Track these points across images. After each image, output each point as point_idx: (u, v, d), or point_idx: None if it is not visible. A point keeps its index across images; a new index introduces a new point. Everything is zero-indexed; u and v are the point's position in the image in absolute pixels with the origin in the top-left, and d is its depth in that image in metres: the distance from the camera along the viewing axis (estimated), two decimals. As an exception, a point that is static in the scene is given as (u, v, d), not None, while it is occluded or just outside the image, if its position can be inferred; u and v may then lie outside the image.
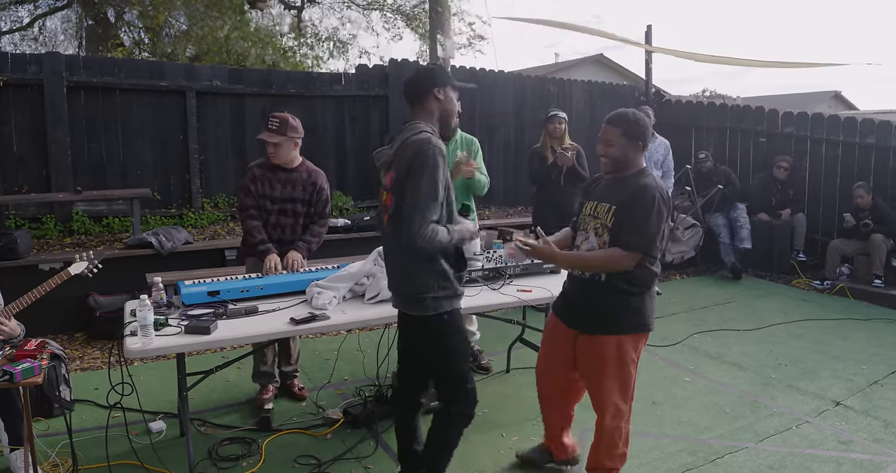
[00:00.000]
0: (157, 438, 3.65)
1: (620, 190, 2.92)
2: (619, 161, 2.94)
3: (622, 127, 2.91)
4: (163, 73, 6.86)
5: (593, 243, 2.95)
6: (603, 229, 2.93)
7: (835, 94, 29.14)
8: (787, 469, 3.41)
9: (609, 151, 2.94)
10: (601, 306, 2.94)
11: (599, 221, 2.95)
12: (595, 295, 2.96)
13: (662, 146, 6.85)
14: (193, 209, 7.00)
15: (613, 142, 2.92)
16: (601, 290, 2.94)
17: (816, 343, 5.40)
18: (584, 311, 3.02)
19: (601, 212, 2.96)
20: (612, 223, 2.89)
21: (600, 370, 2.98)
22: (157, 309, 3.16)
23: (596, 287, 2.96)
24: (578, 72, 16.89)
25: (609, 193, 2.98)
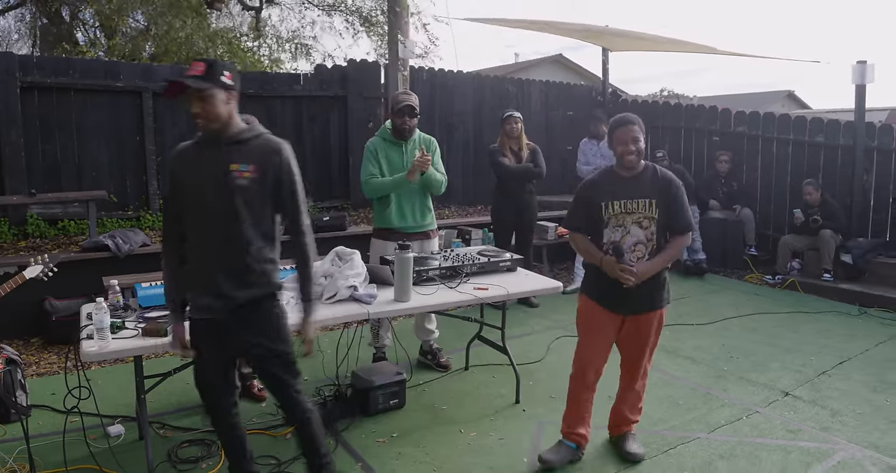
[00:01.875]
0: (116, 442, 3.62)
1: (649, 183, 3.27)
2: (641, 154, 3.24)
3: (639, 124, 3.25)
4: (119, 74, 6.79)
5: (639, 235, 3.24)
6: (649, 221, 3.24)
7: (788, 94, 29.86)
8: (737, 457, 3.53)
9: (639, 147, 3.22)
10: (652, 287, 3.29)
11: (641, 214, 3.23)
12: (648, 280, 3.24)
13: None
14: (151, 211, 6.94)
15: (640, 139, 3.22)
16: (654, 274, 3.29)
17: (768, 336, 5.56)
18: (639, 294, 3.27)
19: (640, 207, 3.23)
20: (659, 213, 3.24)
21: (646, 341, 3.46)
22: (113, 312, 3.17)
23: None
24: (538, 72, 17.06)
25: (637, 189, 3.26)
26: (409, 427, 3.83)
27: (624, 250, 3.23)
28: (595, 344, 3.49)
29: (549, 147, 7.22)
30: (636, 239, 3.26)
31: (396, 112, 4.39)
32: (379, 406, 3.95)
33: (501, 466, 3.42)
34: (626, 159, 3.22)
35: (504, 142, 6.18)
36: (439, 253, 4.28)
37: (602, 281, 3.32)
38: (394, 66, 7.55)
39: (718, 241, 7.96)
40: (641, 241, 3.26)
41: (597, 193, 3.30)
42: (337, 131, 7.94)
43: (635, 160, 3.23)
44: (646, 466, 3.43)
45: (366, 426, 3.83)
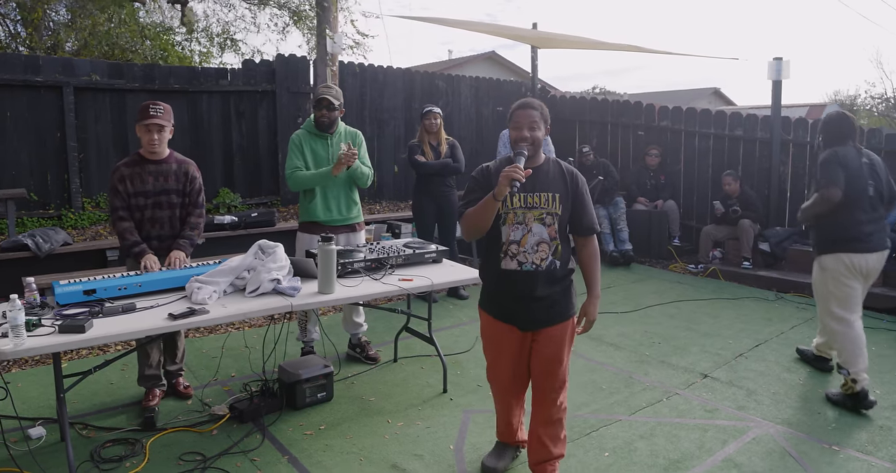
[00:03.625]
0: (37, 444, 3.53)
1: (550, 177, 2.97)
2: (539, 144, 2.93)
3: (540, 110, 2.95)
4: (38, 68, 6.58)
5: (542, 234, 2.92)
6: (552, 218, 2.93)
7: (714, 91, 30.78)
8: (656, 437, 3.67)
9: (536, 136, 2.91)
10: (554, 296, 2.98)
11: (543, 210, 2.92)
12: (554, 284, 2.97)
13: None
14: (73, 209, 6.76)
15: (538, 125, 2.91)
16: (560, 277, 2.99)
17: (688, 321, 5.77)
18: (543, 305, 2.97)
19: (542, 201, 2.93)
20: (563, 210, 2.94)
21: (554, 360, 3.04)
22: (29, 310, 3.10)
23: (555, 276, 2.97)
24: (471, 68, 17.20)
25: (539, 181, 2.94)
26: (337, 420, 3.85)
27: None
28: (499, 362, 3.18)
29: (478, 141, 7.31)
30: (538, 239, 2.92)
31: (315, 105, 4.43)
32: (306, 400, 3.96)
33: (428, 454, 3.48)
34: (519, 147, 2.88)
35: (423, 137, 6.25)
36: (364, 246, 4.31)
37: (497, 294, 3.07)
38: (322, 61, 7.53)
39: (644, 232, 8.21)
40: (545, 240, 2.93)
41: (495, 184, 2.83)
42: (266, 127, 7.88)
43: (530, 149, 2.89)
44: (569, 448, 3.49)
45: (293, 419, 3.83)
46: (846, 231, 4.12)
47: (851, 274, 4.13)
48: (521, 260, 2.93)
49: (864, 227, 4.12)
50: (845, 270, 4.12)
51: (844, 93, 34.24)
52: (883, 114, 26.88)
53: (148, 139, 3.76)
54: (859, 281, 4.16)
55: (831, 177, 4.06)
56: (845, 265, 4.12)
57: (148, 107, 3.75)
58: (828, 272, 4.20)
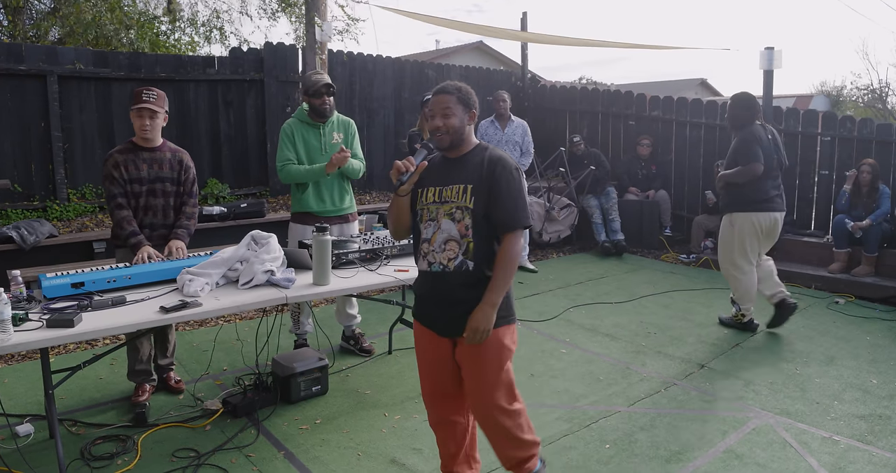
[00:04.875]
0: (25, 442, 3.45)
1: (469, 167, 2.64)
2: (457, 133, 2.63)
3: (456, 94, 2.62)
4: (21, 56, 6.42)
5: (450, 230, 2.60)
6: (462, 212, 2.59)
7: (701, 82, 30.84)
8: (657, 428, 3.63)
9: (449, 122, 2.60)
10: (477, 299, 2.57)
11: (453, 205, 2.60)
12: (470, 288, 2.61)
13: (521, 127, 7.04)
14: (58, 200, 6.63)
15: (452, 111, 2.61)
16: (475, 280, 2.61)
17: (683, 311, 5.75)
18: (458, 312, 2.61)
19: (452, 194, 2.62)
20: (476, 203, 2.58)
21: (481, 373, 2.65)
22: (16, 304, 3.00)
23: (468, 278, 2.61)
24: (459, 58, 17.11)
25: (454, 174, 2.66)
26: (333, 413, 3.79)
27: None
28: (424, 371, 2.84)
29: (470, 131, 7.22)
30: (447, 236, 2.61)
31: (314, 93, 4.30)
32: (301, 394, 3.89)
33: (427, 448, 3.42)
34: (435, 137, 2.64)
35: (424, 125, 6.14)
36: (359, 237, 4.23)
37: (417, 297, 2.80)
38: (311, 49, 7.42)
39: (635, 222, 8.18)
40: (454, 238, 2.60)
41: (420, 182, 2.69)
42: (254, 116, 7.76)
43: (444, 139, 2.62)
44: (568, 440, 3.48)
45: (288, 413, 3.76)
46: (756, 194, 5.00)
47: (757, 230, 5.02)
48: (430, 260, 2.65)
49: (770, 192, 5.02)
50: (752, 227, 5.02)
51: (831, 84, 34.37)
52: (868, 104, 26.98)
53: (140, 124, 3.67)
54: (761, 237, 5.07)
55: (753, 154, 4.92)
56: (752, 223, 5.01)
57: (141, 92, 3.67)
58: (737, 227, 5.07)
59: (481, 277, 2.60)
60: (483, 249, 2.60)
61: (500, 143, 6.84)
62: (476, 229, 2.59)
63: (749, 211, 5.01)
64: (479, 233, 2.59)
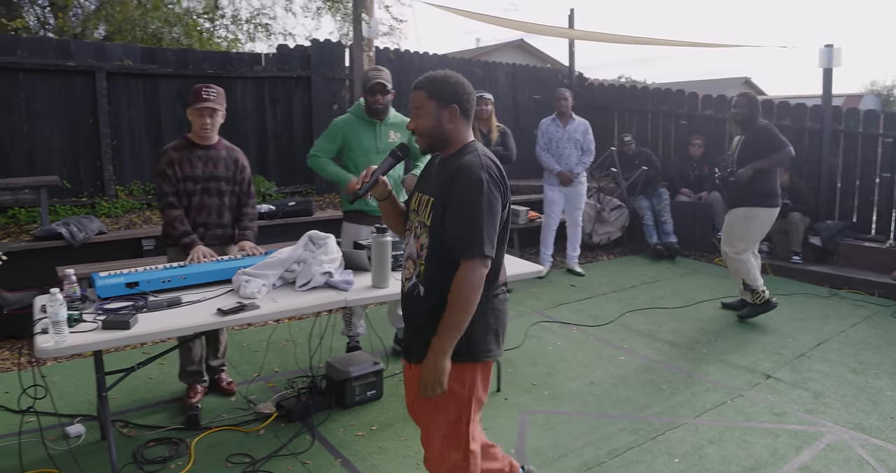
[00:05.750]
0: (76, 443, 3.38)
1: (441, 174, 2.25)
2: (434, 134, 2.24)
3: (427, 88, 2.22)
4: (70, 53, 6.43)
5: (411, 248, 2.30)
6: (421, 228, 2.25)
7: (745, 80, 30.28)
8: (726, 442, 3.45)
9: (420, 123, 2.24)
10: (427, 328, 2.22)
11: (418, 219, 2.27)
12: (419, 315, 2.30)
13: (582, 125, 6.88)
14: (106, 197, 6.62)
15: (423, 110, 2.22)
16: (423, 308, 2.26)
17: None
18: (412, 337, 2.34)
19: (421, 205, 2.28)
20: (431, 219, 2.20)
21: (429, 409, 2.32)
22: (70, 304, 2.92)
23: (416, 303, 2.29)
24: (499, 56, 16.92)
25: (433, 181, 2.29)
26: (389, 420, 3.67)
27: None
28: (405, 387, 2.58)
29: (516, 130, 7.09)
30: (408, 252, 2.33)
31: (368, 89, 4.20)
32: (356, 398, 3.78)
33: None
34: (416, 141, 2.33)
35: (473, 124, 6.02)
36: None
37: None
38: (358, 46, 7.32)
39: (688, 224, 7.95)
40: (411, 256, 2.30)
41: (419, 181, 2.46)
42: (300, 113, 7.69)
43: (421, 142, 2.28)
44: (635, 453, 3.33)
45: (343, 419, 3.65)
46: (773, 188, 5.24)
47: (769, 224, 5.31)
48: (401, 275, 2.42)
49: (778, 187, 5.30)
50: (768, 221, 5.28)
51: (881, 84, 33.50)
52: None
53: (200, 123, 3.60)
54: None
55: (782, 141, 5.15)
56: (769, 217, 5.26)
57: (200, 90, 3.58)
58: (755, 221, 5.24)
59: (432, 306, 2.20)
60: (434, 275, 2.21)
61: (561, 141, 6.69)
62: (431, 250, 2.21)
63: (768, 206, 5.22)
64: (433, 256, 2.20)
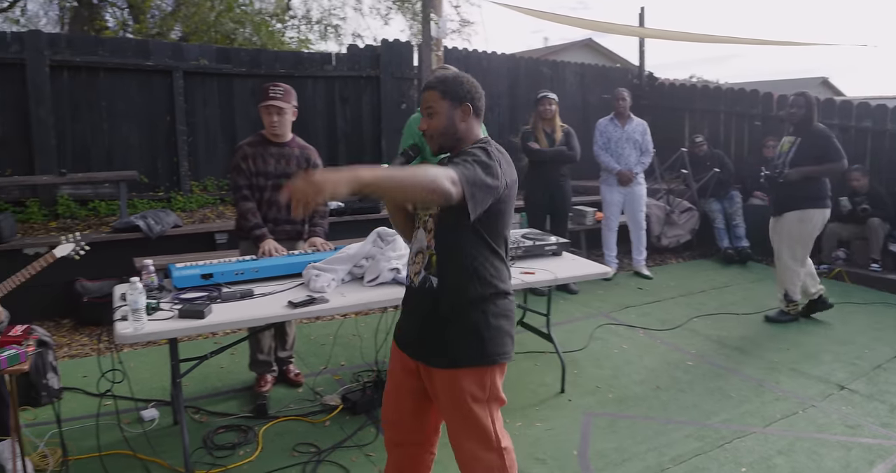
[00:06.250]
0: (150, 427, 3.53)
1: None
2: (447, 133, 2.22)
3: (439, 87, 2.21)
4: (148, 52, 6.67)
5: (422, 241, 2.26)
6: (430, 221, 2.23)
7: (822, 81, 29.19)
8: (796, 453, 3.35)
9: (432, 124, 2.22)
10: (437, 325, 2.23)
11: (428, 213, 2.24)
12: (431, 311, 2.25)
13: (641, 125, 6.75)
14: (182, 192, 6.84)
15: (435, 110, 2.20)
16: (434, 303, 2.23)
17: (817, 326, 5.35)
18: (421, 335, 2.30)
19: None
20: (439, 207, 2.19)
21: (443, 408, 2.31)
22: (148, 293, 3.03)
23: (428, 298, 2.24)
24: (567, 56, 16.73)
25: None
26: (452, 416, 3.68)
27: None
28: (389, 388, 2.52)
29: (585, 130, 7.02)
30: (418, 247, 2.29)
31: None
32: (420, 394, 3.81)
33: (550, 459, 3.27)
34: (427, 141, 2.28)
35: (537, 123, 6.00)
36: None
37: (401, 312, 2.47)
38: (427, 45, 7.37)
39: (761, 229, 7.68)
40: (422, 249, 2.26)
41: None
42: (369, 113, 7.78)
43: (432, 143, 2.26)
44: (701, 461, 3.26)
45: (407, 414, 3.69)
46: (825, 190, 5.16)
47: (822, 226, 5.21)
48: (407, 273, 2.38)
49: (829, 189, 5.21)
50: (821, 222, 5.17)
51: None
52: None
53: (269, 121, 3.69)
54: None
55: (841, 150, 5.06)
56: (822, 218, 5.16)
57: (268, 88, 3.68)
58: (809, 224, 5.11)
59: (446, 300, 2.20)
60: (449, 265, 2.19)
61: (619, 141, 6.59)
62: (439, 239, 2.20)
63: (821, 207, 5.13)
64: (444, 244, 2.19)
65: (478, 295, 2.20)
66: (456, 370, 2.21)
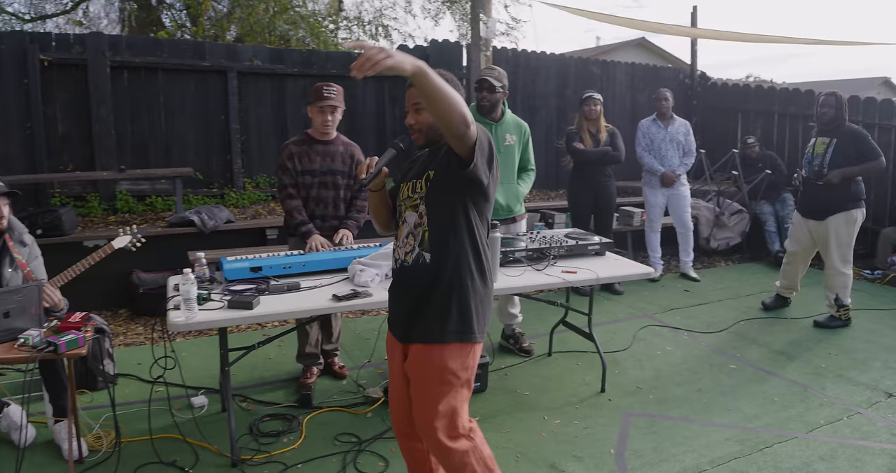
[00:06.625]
0: (199, 413, 3.67)
1: (440, 153, 2.33)
2: (433, 129, 2.30)
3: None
4: (204, 53, 6.88)
5: (411, 221, 2.34)
6: (420, 200, 2.32)
7: (884, 81, 28.36)
8: (838, 459, 3.29)
9: (421, 118, 2.30)
10: (429, 300, 2.30)
11: (417, 195, 2.33)
12: (425, 287, 2.31)
13: (683, 126, 6.67)
14: (235, 189, 7.03)
15: (423, 105, 2.27)
16: (430, 277, 2.30)
17: (867, 332, 5.22)
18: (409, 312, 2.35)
19: (420, 186, 2.34)
20: (429, 185, 2.30)
21: (419, 389, 2.36)
22: (199, 284, 3.16)
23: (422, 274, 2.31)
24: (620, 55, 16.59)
25: (426, 166, 2.38)
26: (491, 412, 3.74)
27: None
28: (390, 375, 2.57)
29: (634, 130, 6.97)
30: (408, 228, 2.35)
31: (476, 87, 4.30)
32: (460, 389, 3.87)
33: (587, 456, 3.28)
34: (411, 136, 2.37)
35: (582, 124, 6.00)
36: (526, 235, 4.15)
37: (389, 298, 2.53)
38: (476, 46, 7.42)
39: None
40: (411, 230, 2.34)
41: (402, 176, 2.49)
42: (418, 112, 7.87)
43: (419, 137, 2.35)
44: (739, 464, 3.23)
45: (447, 408, 3.75)
46: (862, 191, 5.15)
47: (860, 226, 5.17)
48: (395, 257, 2.42)
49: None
50: (861, 221, 5.14)
51: None
52: None
53: (322, 120, 3.79)
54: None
55: (878, 149, 5.05)
56: (863, 216, 5.14)
57: (322, 88, 3.77)
58: (854, 225, 5.09)
59: (439, 274, 2.27)
60: (440, 240, 2.27)
61: (662, 142, 6.52)
62: (430, 216, 2.28)
63: (861, 207, 5.12)
64: (435, 220, 2.28)
65: (467, 268, 2.29)
66: (442, 345, 2.28)
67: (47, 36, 6.49)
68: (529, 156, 4.46)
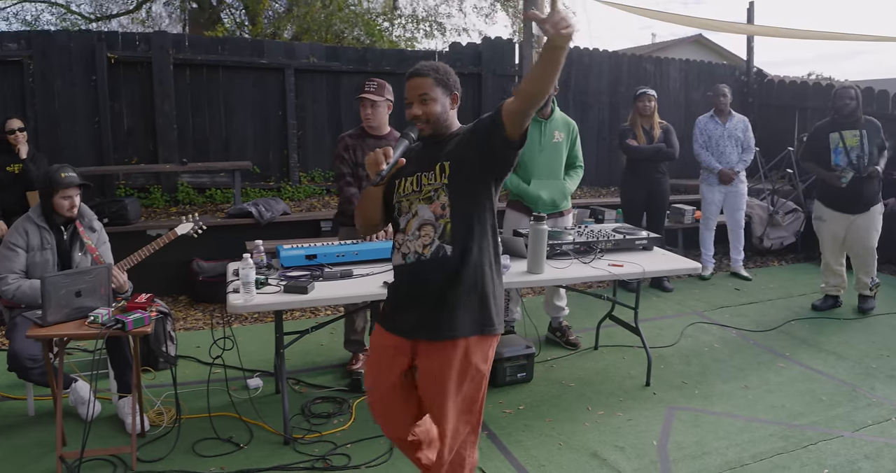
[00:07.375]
0: (255, 394, 3.84)
1: (450, 144, 2.31)
2: (440, 121, 2.29)
3: (433, 75, 2.27)
4: (263, 51, 7.08)
5: (426, 214, 2.26)
6: (438, 192, 2.25)
7: (956, 79, 27.28)
8: (883, 459, 3.27)
9: (428, 109, 2.26)
10: (454, 294, 2.25)
11: (431, 187, 2.27)
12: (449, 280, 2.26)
13: (742, 122, 6.57)
14: (291, 182, 7.23)
15: (431, 96, 2.26)
16: (454, 269, 2.25)
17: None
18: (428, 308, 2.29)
19: (429, 179, 2.28)
20: (451, 176, 2.24)
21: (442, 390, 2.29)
22: (257, 270, 3.30)
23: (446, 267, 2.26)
24: (676, 52, 16.36)
25: (434, 157, 2.30)
26: (536, 401, 3.81)
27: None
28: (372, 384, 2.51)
29: (688, 127, 6.93)
30: (421, 221, 2.27)
31: None
32: (507, 378, 3.95)
33: (629, 446, 3.33)
34: (417, 127, 2.29)
35: (636, 120, 5.98)
36: (573, 228, 4.20)
37: (389, 296, 2.48)
38: (528, 43, 7.45)
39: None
40: (428, 221, 2.26)
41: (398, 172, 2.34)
42: (470, 109, 7.93)
43: (426, 128, 2.29)
44: (782, 459, 3.23)
45: (492, 396, 3.80)
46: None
47: None
48: (405, 251, 2.31)
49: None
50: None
51: None
52: None
53: (363, 113, 3.92)
54: None
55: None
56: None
57: (364, 83, 3.90)
58: (881, 213, 5.35)
59: (462, 266, 2.23)
60: (463, 231, 2.23)
61: (721, 139, 6.45)
62: (454, 207, 2.23)
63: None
64: (458, 212, 2.23)
65: (488, 260, 2.30)
66: (468, 338, 2.25)
67: (114, 35, 6.78)
68: (577, 153, 4.51)
